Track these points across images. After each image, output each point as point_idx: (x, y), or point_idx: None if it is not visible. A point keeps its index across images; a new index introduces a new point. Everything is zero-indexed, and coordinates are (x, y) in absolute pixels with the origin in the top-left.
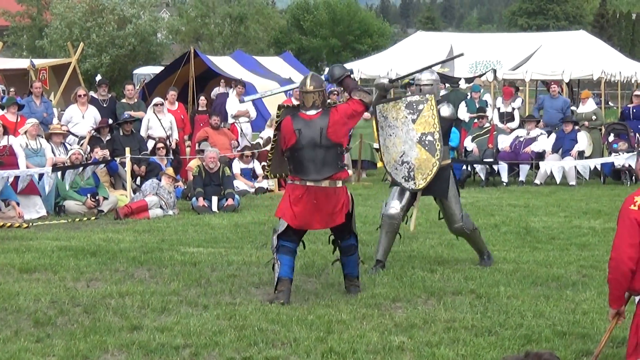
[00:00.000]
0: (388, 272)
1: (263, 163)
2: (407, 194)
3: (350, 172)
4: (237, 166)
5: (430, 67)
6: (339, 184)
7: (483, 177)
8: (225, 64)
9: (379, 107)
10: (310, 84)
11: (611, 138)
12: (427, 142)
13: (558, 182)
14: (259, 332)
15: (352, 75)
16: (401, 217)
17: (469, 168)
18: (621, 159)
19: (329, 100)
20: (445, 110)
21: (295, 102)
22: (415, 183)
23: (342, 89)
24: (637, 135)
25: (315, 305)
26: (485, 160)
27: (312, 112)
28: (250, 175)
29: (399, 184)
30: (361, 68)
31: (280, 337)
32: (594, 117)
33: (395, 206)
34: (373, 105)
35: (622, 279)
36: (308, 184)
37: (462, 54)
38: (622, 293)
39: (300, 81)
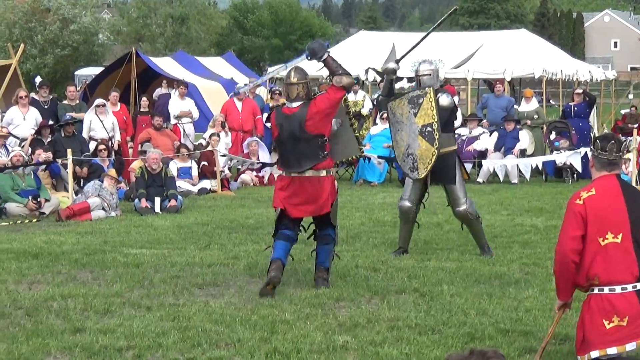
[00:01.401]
0: (331, 272)
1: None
2: (417, 184)
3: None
4: (175, 166)
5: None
6: (323, 173)
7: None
8: (167, 64)
9: (390, 104)
10: (294, 76)
11: (553, 136)
12: (426, 133)
13: (501, 180)
14: (202, 333)
15: (330, 53)
16: (414, 208)
17: None
18: (563, 157)
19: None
20: (444, 100)
21: (238, 102)
22: (418, 173)
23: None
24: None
25: (259, 306)
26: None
27: (295, 105)
28: (190, 174)
29: (407, 174)
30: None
31: (224, 337)
32: (535, 116)
33: (406, 200)
34: (382, 103)
35: (566, 271)
36: (292, 174)
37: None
38: (568, 285)
39: (286, 73)
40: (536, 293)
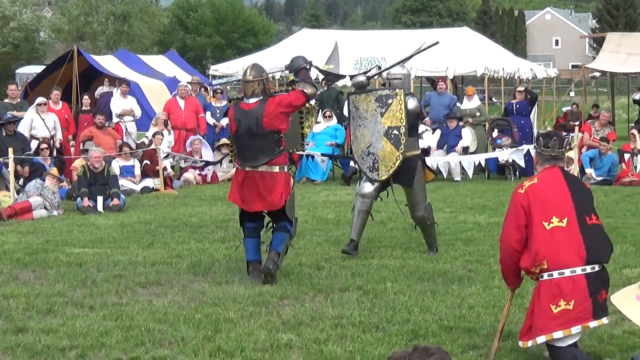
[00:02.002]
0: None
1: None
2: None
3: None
4: (117, 165)
5: (406, 59)
6: (276, 169)
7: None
8: (109, 62)
9: (352, 97)
10: (250, 74)
11: (495, 134)
12: (392, 136)
13: (445, 178)
14: (146, 332)
15: (308, 67)
16: (374, 196)
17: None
18: (505, 155)
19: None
20: (411, 103)
21: (180, 100)
22: (378, 174)
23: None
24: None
25: (202, 304)
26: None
27: (252, 101)
28: (133, 173)
29: (363, 173)
30: (245, 66)
31: (167, 336)
32: (478, 113)
33: (368, 186)
34: (348, 95)
35: (510, 260)
36: (247, 168)
37: (437, 43)
38: (514, 274)
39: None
40: (479, 290)
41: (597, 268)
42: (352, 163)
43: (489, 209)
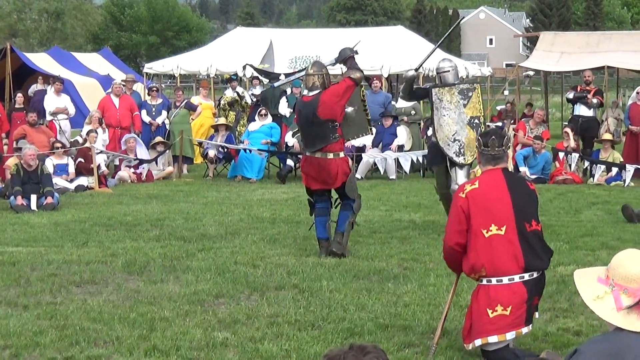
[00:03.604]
0: (210, 268)
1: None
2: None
3: (170, 168)
4: (51, 163)
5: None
6: (330, 155)
7: None
8: (43, 60)
9: (435, 90)
10: (311, 68)
11: (430, 132)
12: (475, 124)
13: (382, 173)
14: (80, 331)
15: (355, 56)
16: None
17: (293, 162)
18: None
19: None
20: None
21: (115, 98)
22: (464, 158)
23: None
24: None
25: (137, 303)
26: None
27: (311, 94)
28: (67, 171)
29: (450, 158)
30: (180, 64)
31: (102, 335)
32: (413, 112)
33: (461, 177)
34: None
35: (453, 258)
36: (307, 154)
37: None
38: (457, 267)
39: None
40: (415, 288)
41: (535, 275)
42: (289, 161)
43: (424, 207)
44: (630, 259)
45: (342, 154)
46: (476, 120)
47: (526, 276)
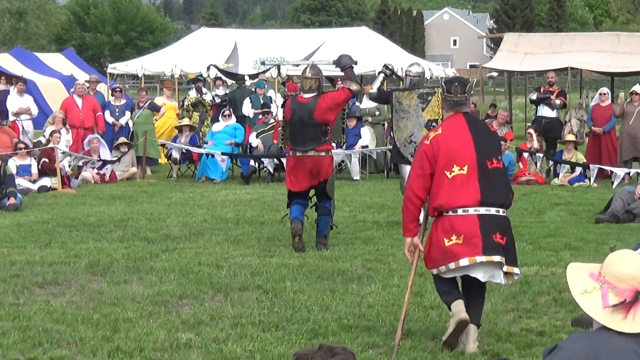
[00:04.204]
0: (173, 269)
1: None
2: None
3: (134, 169)
4: (13, 164)
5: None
6: (322, 153)
7: (269, 173)
8: (5, 61)
9: (396, 93)
10: (309, 72)
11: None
12: (432, 127)
13: (346, 168)
14: (43, 332)
15: (354, 66)
16: None
17: (256, 163)
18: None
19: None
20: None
21: (78, 99)
22: None
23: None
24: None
25: (100, 304)
26: (270, 155)
27: (308, 96)
28: (29, 172)
29: (406, 159)
30: (145, 65)
31: (65, 337)
32: (377, 112)
33: None
34: (376, 92)
35: (412, 207)
36: (297, 154)
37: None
38: (412, 221)
39: (303, 68)
40: (379, 289)
41: (492, 211)
42: (251, 162)
43: (388, 208)
44: (624, 259)
45: (330, 153)
46: (434, 123)
47: (482, 210)
